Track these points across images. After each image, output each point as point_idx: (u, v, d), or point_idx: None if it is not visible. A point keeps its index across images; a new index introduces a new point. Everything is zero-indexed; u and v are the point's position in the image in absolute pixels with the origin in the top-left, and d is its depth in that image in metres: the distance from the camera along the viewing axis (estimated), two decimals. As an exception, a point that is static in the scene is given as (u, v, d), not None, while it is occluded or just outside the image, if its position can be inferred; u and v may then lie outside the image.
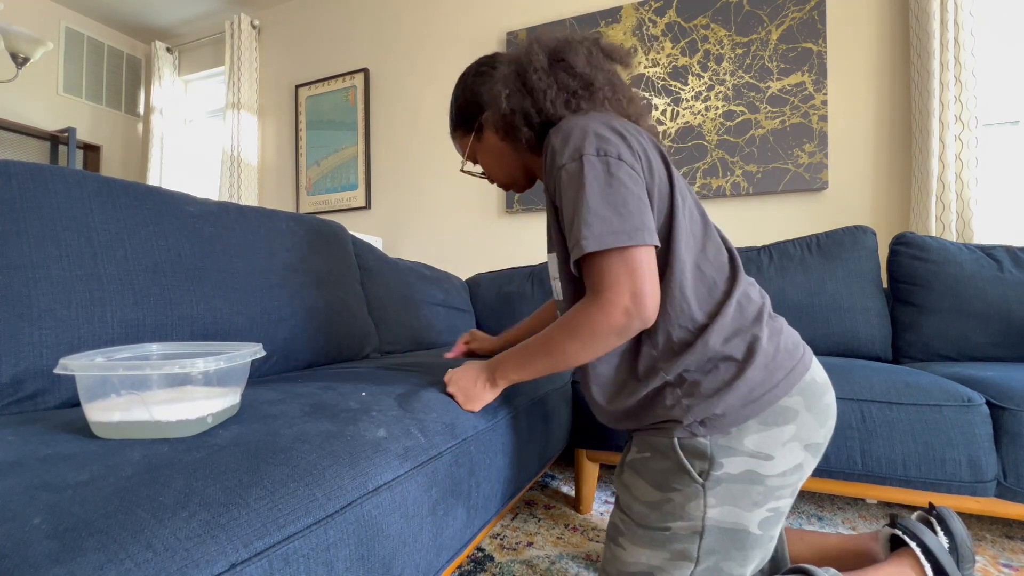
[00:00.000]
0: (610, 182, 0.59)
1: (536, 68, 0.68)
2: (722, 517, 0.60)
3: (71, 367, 0.47)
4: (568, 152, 0.61)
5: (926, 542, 0.71)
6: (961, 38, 1.68)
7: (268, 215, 1.10)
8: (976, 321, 1.36)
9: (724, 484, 0.59)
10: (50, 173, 0.73)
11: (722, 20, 2.06)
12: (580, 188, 0.59)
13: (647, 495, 0.64)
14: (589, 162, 0.59)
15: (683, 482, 0.60)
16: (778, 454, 0.59)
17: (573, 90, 0.68)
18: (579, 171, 0.59)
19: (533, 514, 1.21)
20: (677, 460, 0.61)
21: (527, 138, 0.71)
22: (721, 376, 0.60)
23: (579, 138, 0.61)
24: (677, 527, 0.61)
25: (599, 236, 0.56)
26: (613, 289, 0.57)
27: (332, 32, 2.95)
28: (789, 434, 0.60)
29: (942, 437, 0.96)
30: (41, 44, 2.52)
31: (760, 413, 0.59)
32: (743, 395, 0.59)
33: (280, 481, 0.44)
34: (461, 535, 0.66)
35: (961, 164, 1.68)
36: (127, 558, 0.32)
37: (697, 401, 0.60)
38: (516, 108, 0.70)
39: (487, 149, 0.81)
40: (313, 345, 1.08)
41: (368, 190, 2.81)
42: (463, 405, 0.73)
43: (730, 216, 2.08)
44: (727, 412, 0.59)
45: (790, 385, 0.61)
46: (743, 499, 0.59)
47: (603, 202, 0.58)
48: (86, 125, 3.23)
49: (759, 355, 0.60)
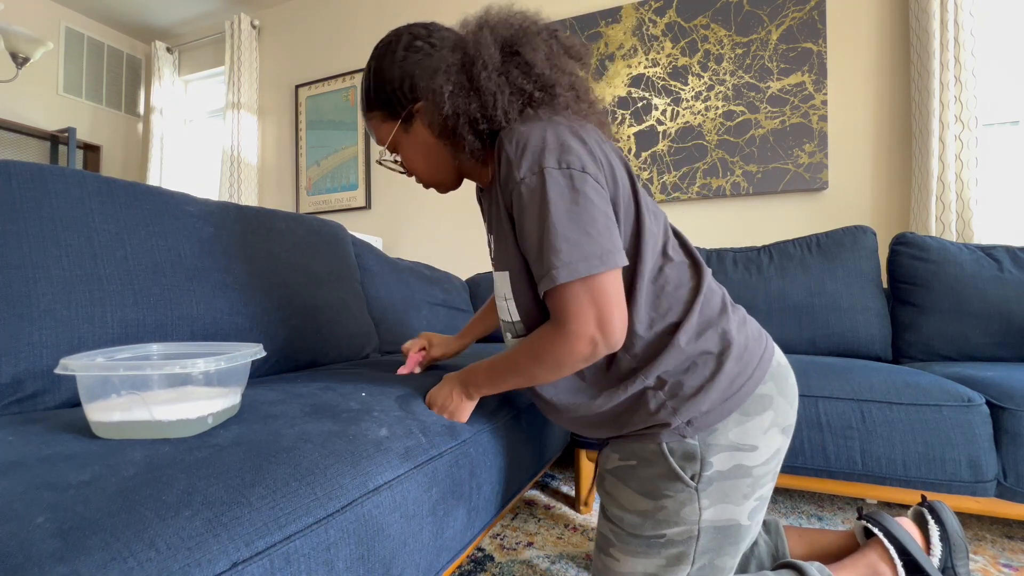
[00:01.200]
0: (576, 199, 0.54)
1: (487, 64, 0.58)
2: (716, 516, 0.59)
3: (72, 367, 0.47)
4: (526, 164, 0.55)
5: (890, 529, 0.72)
6: (961, 38, 1.68)
7: (268, 215, 1.10)
8: (976, 321, 1.36)
9: (715, 483, 0.58)
10: (50, 173, 0.73)
11: (722, 20, 2.06)
12: (543, 206, 0.54)
13: (637, 504, 0.62)
14: (551, 176, 0.54)
15: (675, 488, 0.59)
16: (761, 443, 0.60)
17: (529, 94, 0.59)
18: (540, 187, 0.54)
19: (533, 514, 1.21)
20: (667, 466, 0.59)
21: (470, 145, 0.61)
22: (701, 372, 0.59)
23: (537, 147, 0.55)
24: (672, 533, 0.60)
25: (570, 264, 0.53)
26: (578, 319, 0.54)
27: (332, 32, 2.95)
28: (768, 421, 0.60)
29: (942, 437, 0.96)
30: (41, 44, 2.52)
31: (741, 404, 0.59)
32: (724, 388, 0.58)
33: (282, 480, 0.44)
34: (461, 535, 0.66)
35: (961, 164, 1.68)
36: (130, 556, 0.32)
37: (682, 402, 0.58)
38: (461, 111, 0.59)
39: (414, 143, 0.69)
40: (313, 345, 1.08)
41: (368, 190, 2.81)
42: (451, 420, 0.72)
43: (730, 216, 2.08)
44: (712, 408, 0.58)
45: (763, 372, 0.61)
46: (734, 494, 0.59)
47: (570, 223, 0.53)
48: (86, 125, 3.22)
49: (733, 346, 0.60)
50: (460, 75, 0.59)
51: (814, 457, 1.05)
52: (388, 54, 0.67)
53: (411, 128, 0.68)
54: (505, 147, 0.57)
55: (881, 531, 0.74)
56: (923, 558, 0.70)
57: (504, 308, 0.67)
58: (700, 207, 2.13)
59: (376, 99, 0.68)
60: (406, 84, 0.65)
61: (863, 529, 0.77)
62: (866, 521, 0.76)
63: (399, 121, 0.68)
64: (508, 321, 0.68)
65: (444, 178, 0.72)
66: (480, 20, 0.61)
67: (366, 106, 0.70)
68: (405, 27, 0.68)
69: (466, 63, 0.59)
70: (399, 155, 0.71)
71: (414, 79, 0.65)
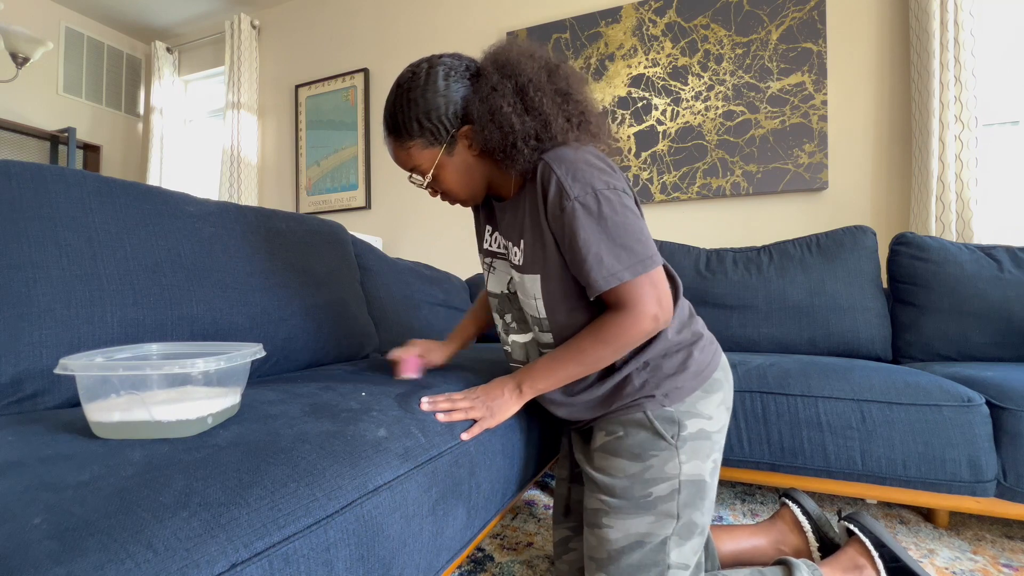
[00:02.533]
0: (626, 215, 0.66)
1: (539, 88, 0.67)
2: (690, 471, 0.70)
3: (71, 367, 0.47)
4: (579, 186, 0.65)
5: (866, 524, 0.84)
6: (961, 38, 1.68)
7: (268, 215, 1.10)
8: (976, 321, 1.36)
9: (689, 442, 0.71)
10: (50, 173, 0.73)
11: (722, 20, 2.06)
12: (602, 222, 0.65)
13: (627, 469, 0.71)
14: (604, 197, 0.65)
15: (659, 447, 0.70)
16: (715, 415, 0.74)
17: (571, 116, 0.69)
18: (596, 206, 0.65)
19: (533, 514, 1.21)
20: (653, 429, 0.71)
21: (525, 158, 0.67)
22: (678, 359, 0.73)
23: (586, 173, 0.65)
24: (658, 490, 0.69)
25: (633, 266, 0.65)
26: (644, 302, 0.66)
27: (332, 32, 2.95)
28: (719, 400, 0.75)
29: (942, 437, 0.96)
30: (41, 44, 2.52)
31: (703, 384, 0.74)
32: (693, 372, 0.73)
33: (280, 481, 0.44)
34: (461, 535, 0.66)
35: (961, 164, 1.68)
36: (128, 558, 0.32)
37: (662, 379, 0.72)
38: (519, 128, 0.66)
39: (455, 164, 0.73)
40: (313, 345, 1.08)
41: (368, 190, 2.81)
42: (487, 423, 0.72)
43: (730, 216, 2.08)
44: (683, 385, 0.72)
45: (718, 362, 0.77)
46: (700, 452, 0.71)
47: (626, 234, 0.65)
48: (86, 125, 3.22)
49: (701, 341, 0.76)
50: (515, 97, 0.67)
51: (814, 457, 1.05)
52: (428, 84, 0.69)
53: (454, 151, 0.72)
54: (554, 171, 0.66)
55: (857, 527, 0.84)
56: (898, 548, 0.80)
57: (532, 306, 0.75)
58: (700, 207, 2.13)
59: (418, 128, 0.70)
60: (450, 110, 0.70)
61: (845, 529, 0.87)
62: (847, 522, 0.86)
63: (443, 146, 0.71)
64: (535, 317, 0.77)
65: (477, 193, 0.78)
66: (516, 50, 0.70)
67: (401, 136, 0.72)
68: (435, 58, 0.72)
69: (520, 87, 0.67)
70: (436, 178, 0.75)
71: (458, 105, 0.70)
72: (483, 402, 0.73)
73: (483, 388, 0.76)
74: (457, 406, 0.71)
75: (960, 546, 1.06)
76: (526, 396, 0.76)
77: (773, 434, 1.08)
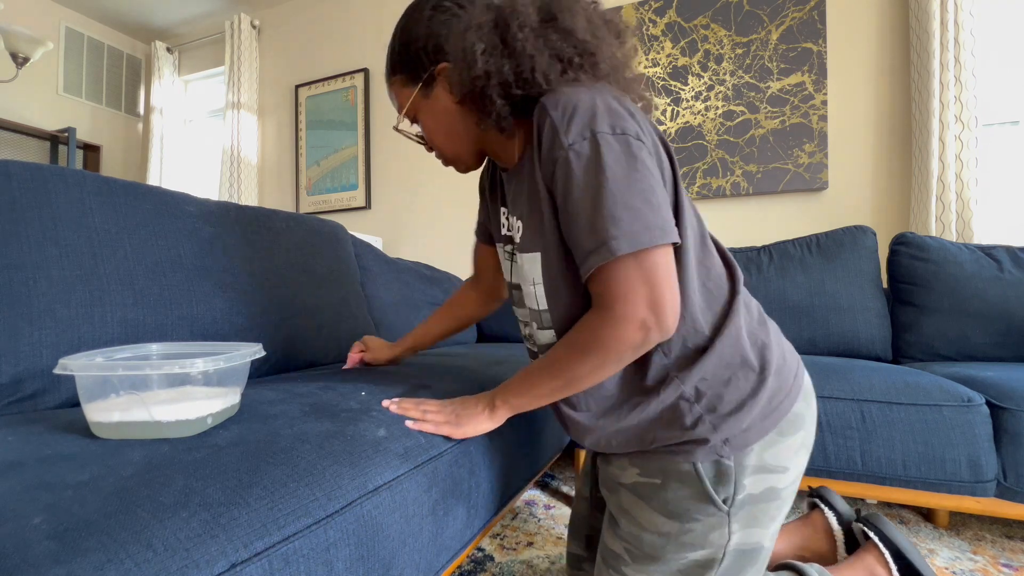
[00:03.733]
0: (634, 165, 0.49)
1: (523, 24, 0.53)
2: (742, 541, 0.55)
3: (71, 367, 0.47)
4: (576, 128, 0.50)
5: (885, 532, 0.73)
6: (961, 38, 1.68)
7: (268, 215, 1.10)
8: (976, 321, 1.36)
9: (747, 507, 0.54)
10: (50, 173, 0.73)
11: (722, 20, 2.06)
12: (598, 173, 0.49)
13: (660, 525, 0.57)
14: (606, 141, 0.49)
15: (706, 511, 0.54)
16: (792, 464, 0.56)
17: (569, 58, 0.54)
18: (594, 152, 0.49)
19: (533, 514, 1.21)
20: (700, 488, 0.54)
21: (498, 111, 0.56)
22: (742, 386, 0.54)
23: (587, 112, 0.50)
24: (695, 555, 0.56)
25: (631, 234, 0.47)
26: (628, 300, 0.49)
27: (332, 32, 2.95)
28: (800, 441, 0.57)
29: (942, 437, 0.96)
30: (41, 44, 2.52)
31: (779, 423, 0.55)
32: (764, 405, 0.54)
33: (280, 481, 0.44)
34: (461, 535, 0.66)
35: (961, 164, 1.68)
36: (127, 558, 0.32)
37: (721, 418, 0.53)
38: (493, 71, 0.54)
39: (434, 109, 0.64)
40: (313, 345, 1.08)
41: (368, 190, 2.81)
42: (451, 433, 0.64)
43: (730, 216, 2.08)
44: (751, 426, 0.53)
45: (799, 390, 0.58)
46: (762, 517, 0.56)
47: (629, 190, 0.48)
48: (86, 125, 3.22)
49: (773, 360, 0.55)
50: (493, 34, 0.54)
51: (814, 457, 1.04)
52: (415, 13, 0.63)
53: (432, 93, 0.63)
54: (548, 111, 0.52)
55: (876, 535, 0.74)
56: (919, 560, 0.71)
57: (531, 295, 0.62)
58: (700, 207, 2.13)
59: (399, 61, 0.64)
60: (431, 44, 0.62)
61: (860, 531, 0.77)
62: (863, 524, 0.77)
63: (419, 84, 0.64)
64: (534, 310, 0.62)
65: (463, 151, 0.66)
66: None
67: (389, 70, 0.66)
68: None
69: (500, 23, 0.54)
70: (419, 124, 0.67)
71: (440, 39, 0.61)
72: (455, 415, 0.65)
73: (460, 400, 0.68)
74: (426, 418, 0.64)
75: (960, 546, 1.06)
76: (500, 413, 0.65)
77: (773, 434, 1.08)
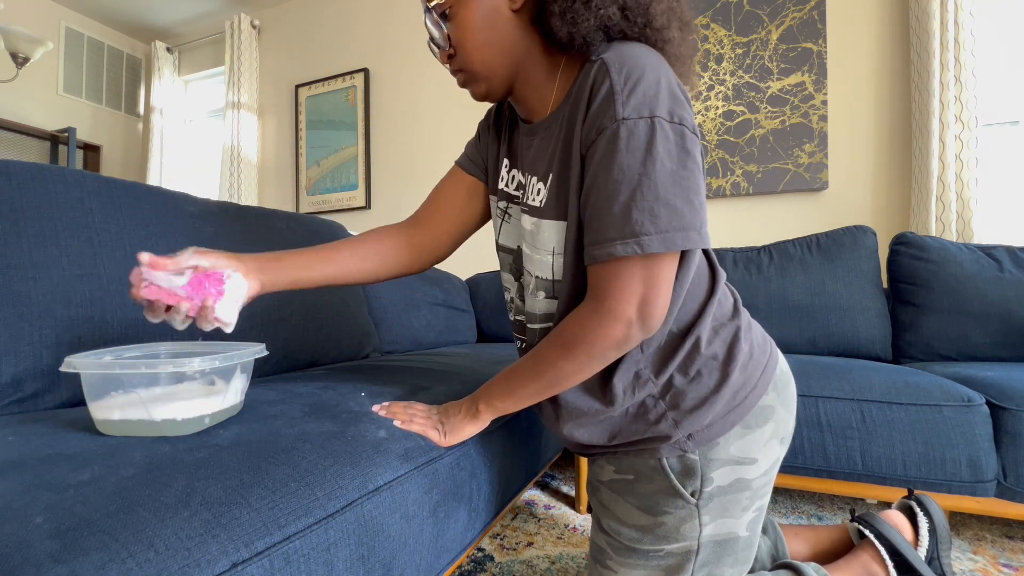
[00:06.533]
0: (685, 162, 0.47)
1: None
2: (715, 531, 0.57)
3: (75, 364, 0.47)
4: (634, 102, 0.46)
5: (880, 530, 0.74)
6: (961, 38, 1.68)
7: (268, 215, 1.10)
8: (976, 321, 1.36)
9: (716, 499, 0.56)
10: (50, 173, 0.73)
11: (722, 20, 2.06)
12: (648, 159, 0.46)
13: (635, 519, 0.60)
14: (662, 128, 0.46)
15: (675, 505, 0.57)
16: (761, 455, 0.58)
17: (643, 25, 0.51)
18: (649, 135, 0.46)
19: (533, 514, 1.21)
20: (667, 483, 0.57)
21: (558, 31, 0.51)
22: (705, 383, 0.55)
23: (652, 88, 0.47)
24: (671, 548, 0.58)
25: (666, 233, 0.46)
26: (623, 297, 0.48)
27: (332, 32, 2.95)
28: (769, 432, 0.58)
29: (942, 437, 0.96)
30: (41, 44, 2.52)
31: (744, 417, 0.56)
32: (727, 401, 0.55)
33: (281, 481, 0.44)
34: (462, 536, 0.66)
35: (961, 164, 1.68)
36: (129, 557, 0.32)
37: (684, 415, 0.55)
38: None
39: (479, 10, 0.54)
40: (313, 345, 1.08)
41: (368, 190, 2.81)
42: (437, 441, 0.62)
43: (730, 216, 2.08)
44: (714, 421, 0.55)
45: (767, 383, 0.58)
46: (734, 508, 0.57)
47: (675, 186, 0.46)
48: (86, 125, 3.22)
49: (739, 355, 0.56)
50: None
51: (814, 457, 1.05)
52: None
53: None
54: (611, 71, 0.47)
55: (872, 532, 0.74)
56: (913, 556, 0.71)
57: (544, 264, 0.59)
58: (700, 207, 2.13)
59: None
60: None
61: (856, 530, 0.78)
62: (858, 523, 0.77)
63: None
64: (546, 280, 0.59)
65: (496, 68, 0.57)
66: None
67: None
68: None
69: None
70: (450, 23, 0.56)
71: None
72: (440, 423, 0.64)
73: (444, 408, 0.67)
74: (415, 420, 0.63)
75: (960, 546, 1.06)
76: (483, 416, 0.63)
77: (773, 434, 1.08)
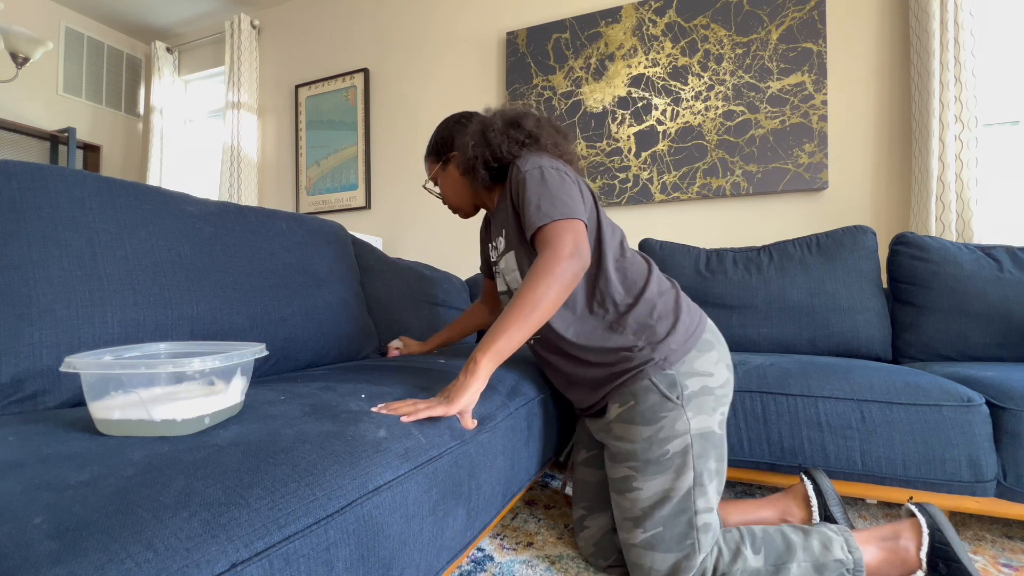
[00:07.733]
0: (563, 180, 0.86)
1: (494, 129, 0.93)
2: (698, 425, 0.82)
3: (75, 364, 0.47)
4: (530, 165, 0.87)
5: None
6: (961, 38, 1.68)
7: (268, 215, 1.10)
8: (976, 321, 1.36)
9: (693, 399, 0.82)
10: (50, 173, 0.73)
11: (722, 20, 2.06)
12: (542, 183, 0.84)
13: (643, 433, 0.82)
14: (547, 170, 0.86)
15: (667, 408, 0.82)
16: (714, 371, 0.86)
17: (521, 141, 0.93)
18: (540, 175, 0.85)
19: (533, 514, 1.21)
20: (658, 394, 0.82)
21: (483, 177, 0.96)
22: (665, 323, 0.86)
23: (536, 160, 0.88)
24: (673, 446, 0.81)
25: (560, 209, 0.81)
26: (562, 238, 0.78)
27: (332, 32, 2.95)
28: (715, 357, 0.87)
29: (942, 437, 0.96)
30: (41, 44, 2.52)
31: (696, 344, 0.86)
32: (683, 333, 0.85)
33: (280, 481, 0.44)
34: (461, 536, 0.66)
35: (961, 164, 1.68)
36: (128, 558, 0.32)
37: (657, 343, 0.84)
38: (477, 155, 0.95)
39: (448, 178, 1.06)
40: (313, 345, 1.08)
41: (368, 190, 2.81)
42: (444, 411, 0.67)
43: (730, 216, 2.08)
44: (678, 347, 0.84)
45: (705, 324, 0.90)
46: (706, 407, 0.83)
47: (560, 191, 0.84)
48: (86, 125, 3.22)
49: (682, 304, 0.89)
50: (479, 135, 0.95)
51: (814, 457, 1.05)
52: (444, 124, 1.07)
53: (447, 169, 1.06)
54: (516, 163, 0.90)
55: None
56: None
57: (515, 280, 0.93)
58: (700, 207, 2.13)
59: (432, 149, 1.08)
60: (448, 141, 1.05)
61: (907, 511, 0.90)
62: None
63: (440, 163, 1.07)
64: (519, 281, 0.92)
65: (464, 204, 1.08)
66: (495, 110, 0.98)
67: (427, 152, 1.10)
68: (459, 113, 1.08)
69: (483, 129, 0.95)
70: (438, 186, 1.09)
71: (453, 139, 1.04)
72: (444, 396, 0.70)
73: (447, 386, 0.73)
74: (417, 407, 0.67)
75: (960, 546, 1.06)
76: (483, 366, 0.71)
77: (773, 434, 1.08)
